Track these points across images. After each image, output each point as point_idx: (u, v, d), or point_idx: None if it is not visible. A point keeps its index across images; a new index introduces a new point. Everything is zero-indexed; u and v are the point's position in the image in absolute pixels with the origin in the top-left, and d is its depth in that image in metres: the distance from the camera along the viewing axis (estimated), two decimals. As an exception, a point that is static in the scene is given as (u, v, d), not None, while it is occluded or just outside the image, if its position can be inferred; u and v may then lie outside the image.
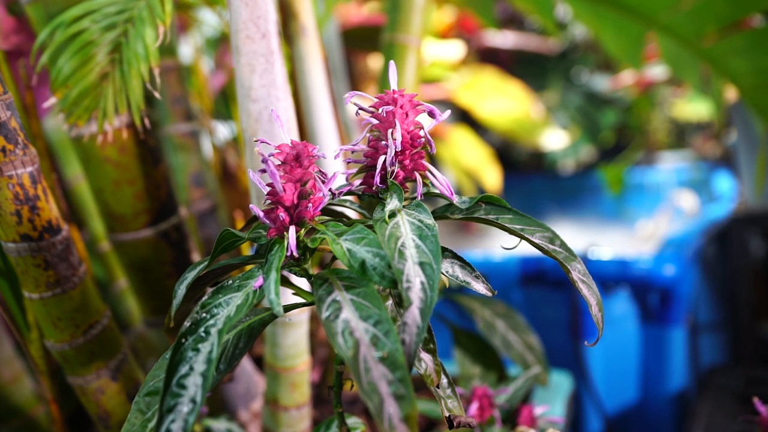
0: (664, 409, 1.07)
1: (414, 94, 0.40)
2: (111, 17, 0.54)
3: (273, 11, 0.52)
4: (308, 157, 0.36)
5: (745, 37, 0.93)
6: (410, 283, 0.32)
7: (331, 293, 0.33)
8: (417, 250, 0.34)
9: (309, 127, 0.69)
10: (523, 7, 1.19)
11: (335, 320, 0.32)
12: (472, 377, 0.73)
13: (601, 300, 0.39)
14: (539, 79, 2.17)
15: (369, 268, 0.33)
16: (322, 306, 0.33)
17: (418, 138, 0.40)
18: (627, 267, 1.03)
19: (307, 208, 0.36)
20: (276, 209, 0.36)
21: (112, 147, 0.59)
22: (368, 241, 0.34)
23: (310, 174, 0.37)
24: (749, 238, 1.26)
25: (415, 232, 0.35)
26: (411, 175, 0.40)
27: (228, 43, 0.58)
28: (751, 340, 1.21)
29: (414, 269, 0.33)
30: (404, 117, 0.39)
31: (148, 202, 0.62)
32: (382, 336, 0.31)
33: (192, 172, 0.84)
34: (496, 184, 1.69)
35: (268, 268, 0.34)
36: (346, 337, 0.31)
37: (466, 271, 0.39)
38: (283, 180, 0.36)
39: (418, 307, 0.32)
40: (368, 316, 0.32)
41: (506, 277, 1.05)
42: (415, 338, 0.32)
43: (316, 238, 0.36)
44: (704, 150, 2.13)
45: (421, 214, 0.37)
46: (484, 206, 0.41)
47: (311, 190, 0.37)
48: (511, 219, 0.40)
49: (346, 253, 0.34)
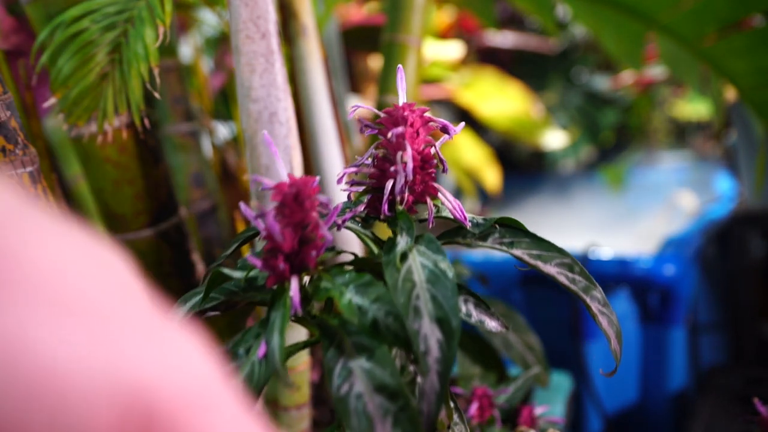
0: (664, 409, 1.07)
1: (425, 109, 0.36)
2: (111, 17, 0.54)
3: (273, 11, 0.52)
4: (309, 197, 0.32)
5: (745, 37, 0.93)
6: (426, 345, 0.30)
7: (341, 356, 0.31)
8: (433, 303, 0.31)
9: (309, 128, 0.69)
10: (523, 7, 1.19)
11: (348, 396, 0.29)
12: (472, 377, 0.73)
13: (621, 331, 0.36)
14: (539, 79, 2.17)
15: (382, 328, 0.31)
16: (332, 375, 0.30)
17: (430, 159, 0.36)
18: (627, 267, 1.03)
19: (309, 255, 0.33)
20: (275, 257, 0.32)
21: (112, 147, 0.59)
22: (379, 295, 0.31)
23: (312, 218, 0.33)
24: (749, 238, 1.26)
25: (430, 280, 0.32)
26: (421, 198, 0.37)
27: (228, 43, 0.58)
28: (751, 340, 1.21)
29: (430, 328, 0.31)
30: (415, 137, 0.36)
31: (148, 202, 0.62)
32: (397, 411, 0.29)
33: (192, 172, 0.84)
34: (496, 184, 1.69)
35: (270, 329, 0.31)
36: (361, 417, 0.29)
37: (480, 309, 0.37)
38: (282, 224, 0.32)
39: (437, 371, 0.30)
40: (382, 386, 0.29)
41: (506, 277, 1.05)
42: (434, 407, 0.30)
43: (321, 290, 0.33)
44: (704, 150, 2.13)
45: (435, 254, 0.34)
46: (498, 229, 0.38)
47: (313, 234, 0.33)
48: (528, 243, 0.37)
49: (356, 311, 0.31)
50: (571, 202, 2.03)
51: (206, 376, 0.20)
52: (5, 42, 0.73)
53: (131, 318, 0.19)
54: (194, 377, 0.20)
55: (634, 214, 1.79)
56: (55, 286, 0.18)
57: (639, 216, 1.72)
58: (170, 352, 0.20)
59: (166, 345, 0.20)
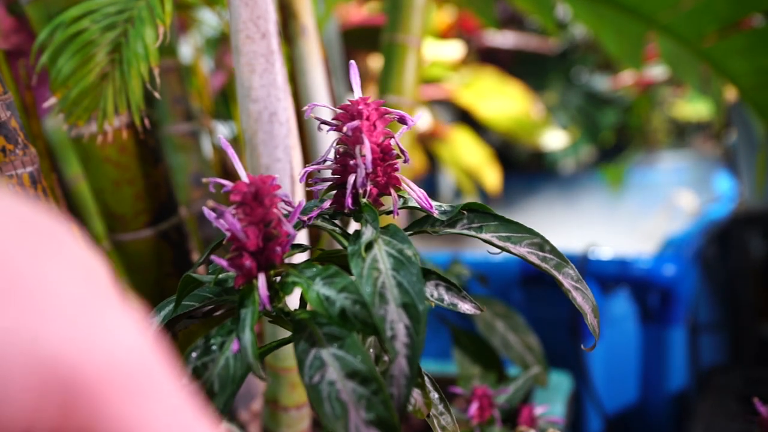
0: (664, 409, 1.07)
1: (381, 102, 0.37)
2: (111, 17, 0.54)
3: (273, 11, 0.52)
4: (269, 194, 0.33)
5: (745, 37, 0.93)
6: (393, 330, 0.31)
7: (312, 347, 0.31)
8: (399, 290, 0.32)
9: (309, 127, 0.70)
10: (523, 7, 1.19)
11: (320, 383, 0.30)
12: (472, 377, 0.73)
13: (597, 305, 0.37)
14: (539, 79, 2.17)
15: (350, 317, 0.31)
16: (303, 366, 0.30)
17: (390, 150, 0.37)
18: (627, 267, 1.03)
19: (274, 251, 0.33)
20: (240, 256, 0.33)
21: (112, 147, 0.59)
22: (346, 285, 0.32)
23: (273, 214, 0.33)
24: (749, 238, 1.26)
25: (396, 267, 0.33)
26: (385, 190, 0.37)
27: (228, 43, 0.58)
28: (751, 340, 1.21)
29: (397, 313, 0.31)
30: (372, 129, 0.36)
31: (148, 202, 0.62)
32: (370, 395, 0.29)
33: (192, 172, 0.84)
34: (496, 184, 1.69)
35: (242, 325, 0.32)
36: (334, 404, 0.29)
37: (452, 292, 0.37)
38: (243, 222, 0.32)
39: (405, 355, 0.30)
40: (354, 372, 0.30)
41: (506, 277, 1.05)
42: (404, 390, 0.30)
43: (288, 284, 0.33)
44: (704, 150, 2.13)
45: (400, 243, 0.34)
46: (467, 215, 0.38)
47: (276, 231, 0.33)
48: (496, 226, 0.38)
49: (324, 301, 0.31)
50: (571, 202, 2.03)
51: (137, 353, 0.20)
52: (5, 42, 0.73)
53: (64, 291, 0.19)
54: (123, 354, 0.19)
55: (634, 214, 1.78)
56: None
57: (639, 216, 1.72)
58: (102, 328, 0.19)
59: (99, 320, 0.19)
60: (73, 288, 0.19)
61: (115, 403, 0.19)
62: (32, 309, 0.18)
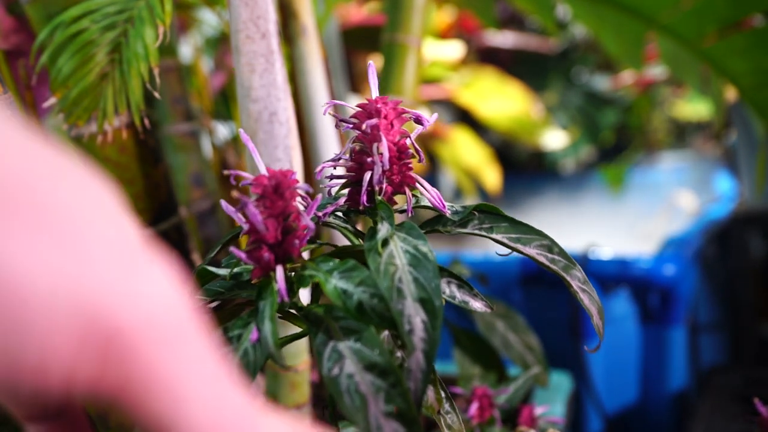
0: (664, 409, 1.07)
1: (398, 101, 0.37)
2: (111, 17, 0.54)
3: (273, 11, 0.52)
4: (289, 188, 0.33)
5: (745, 37, 0.93)
6: (411, 325, 0.31)
7: (330, 341, 0.31)
8: (415, 285, 0.32)
9: (309, 127, 0.69)
10: (523, 7, 1.19)
11: (339, 376, 0.30)
12: (472, 377, 0.73)
13: (602, 308, 0.38)
14: (539, 79, 2.17)
15: (368, 310, 0.31)
16: (322, 358, 0.31)
17: (405, 150, 0.37)
18: (627, 267, 1.03)
19: (293, 244, 0.33)
20: (259, 249, 0.33)
21: (111, 147, 0.59)
22: (363, 278, 0.32)
23: (293, 207, 0.33)
24: (749, 238, 1.26)
25: (412, 263, 0.33)
26: (400, 189, 0.38)
27: (228, 43, 0.58)
28: (751, 340, 1.21)
29: (414, 307, 0.31)
30: (389, 128, 0.37)
31: (147, 202, 0.62)
32: (388, 388, 0.29)
33: (192, 172, 0.84)
34: (496, 184, 1.69)
35: (261, 316, 0.32)
36: (353, 396, 0.29)
37: (464, 290, 0.37)
38: (263, 215, 0.33)
39: (422, 349, 0.31)
40: (372, 365, 0.30)
41: (506, 277, 1.05)
42: (421, 384, 0.30)
43: (305, 277, 0.33)
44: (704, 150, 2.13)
45: (415, 239, 0.34)
46: (477, 215, 0.39)
47: (295, 224, 0.33)
48: (506, 228, 0.38)
49: (341, 294, 0.32)
50: (571, 202, 2.03)
51: (175, 309, 0.20)
52: (5, 42, 0.73)
53: (107, 242, 0.19)
54: (161, 309, 0.20)
55: (634, 214, 1.78)
56: (36, 201, 0.18)
57: (639, 216, 1.72)
58: (141, 281, 0.20)
59: (139, 273, 0.20)
60: (113, 239, 0.20)
61: (152, 356, 0.19)
62: (76, 256, 0.18)
